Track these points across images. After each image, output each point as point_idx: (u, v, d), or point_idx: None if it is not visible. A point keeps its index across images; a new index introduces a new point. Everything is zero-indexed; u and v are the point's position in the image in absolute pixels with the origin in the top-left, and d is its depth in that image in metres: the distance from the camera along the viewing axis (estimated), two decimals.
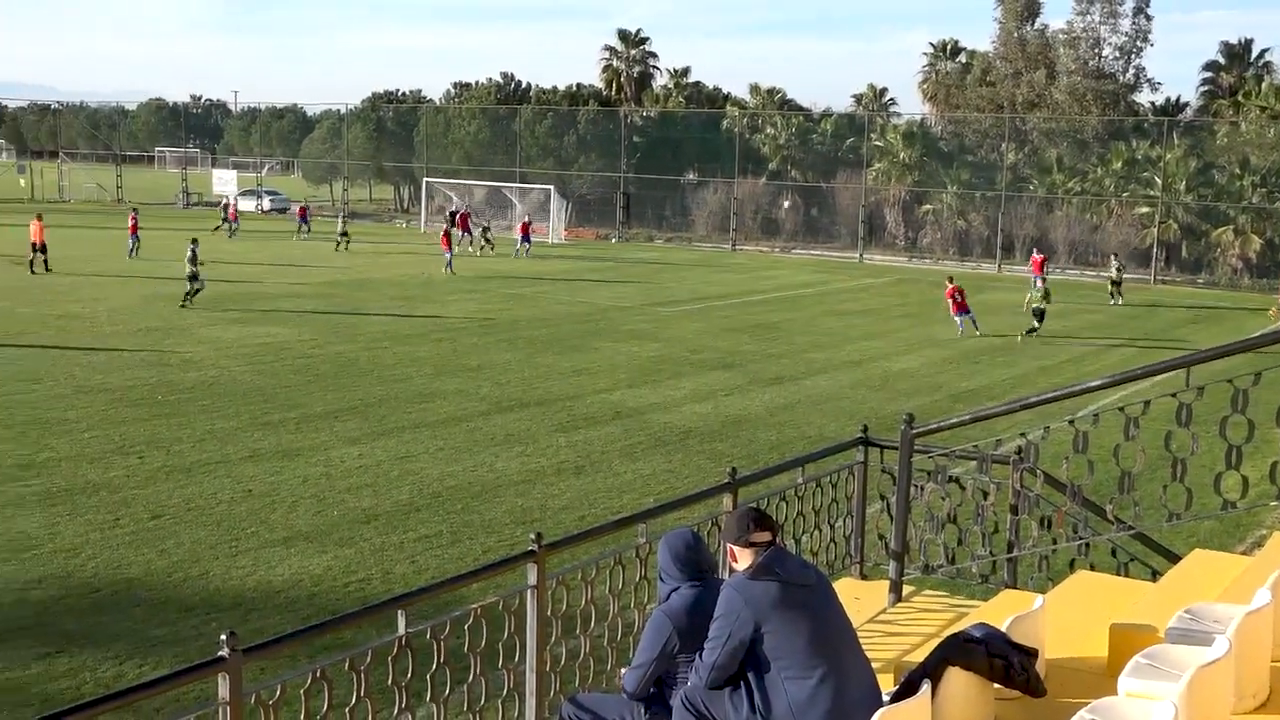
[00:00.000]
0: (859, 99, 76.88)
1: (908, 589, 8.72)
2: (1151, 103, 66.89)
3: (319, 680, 5.36)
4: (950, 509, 8.90)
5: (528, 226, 53.59)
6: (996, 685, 5.59)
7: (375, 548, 14.28)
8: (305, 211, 60.92)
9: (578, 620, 7.00)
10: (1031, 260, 44.95)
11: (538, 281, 42.69)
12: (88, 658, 11.07)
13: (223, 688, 4.94)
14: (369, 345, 27.97)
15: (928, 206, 63.38)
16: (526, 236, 52.63)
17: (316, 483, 16.81)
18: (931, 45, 75.63)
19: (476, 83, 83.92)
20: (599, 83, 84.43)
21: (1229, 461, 7.31)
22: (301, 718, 5.35)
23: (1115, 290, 42.34)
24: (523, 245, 52.12)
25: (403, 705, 5.80)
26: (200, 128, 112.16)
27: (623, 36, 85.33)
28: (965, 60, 72.11)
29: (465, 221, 54.48)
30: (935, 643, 5.66)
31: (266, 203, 74.95)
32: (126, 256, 44.65)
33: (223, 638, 4.96)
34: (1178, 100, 67.78)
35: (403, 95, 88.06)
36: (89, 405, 20.94)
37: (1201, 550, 8.88)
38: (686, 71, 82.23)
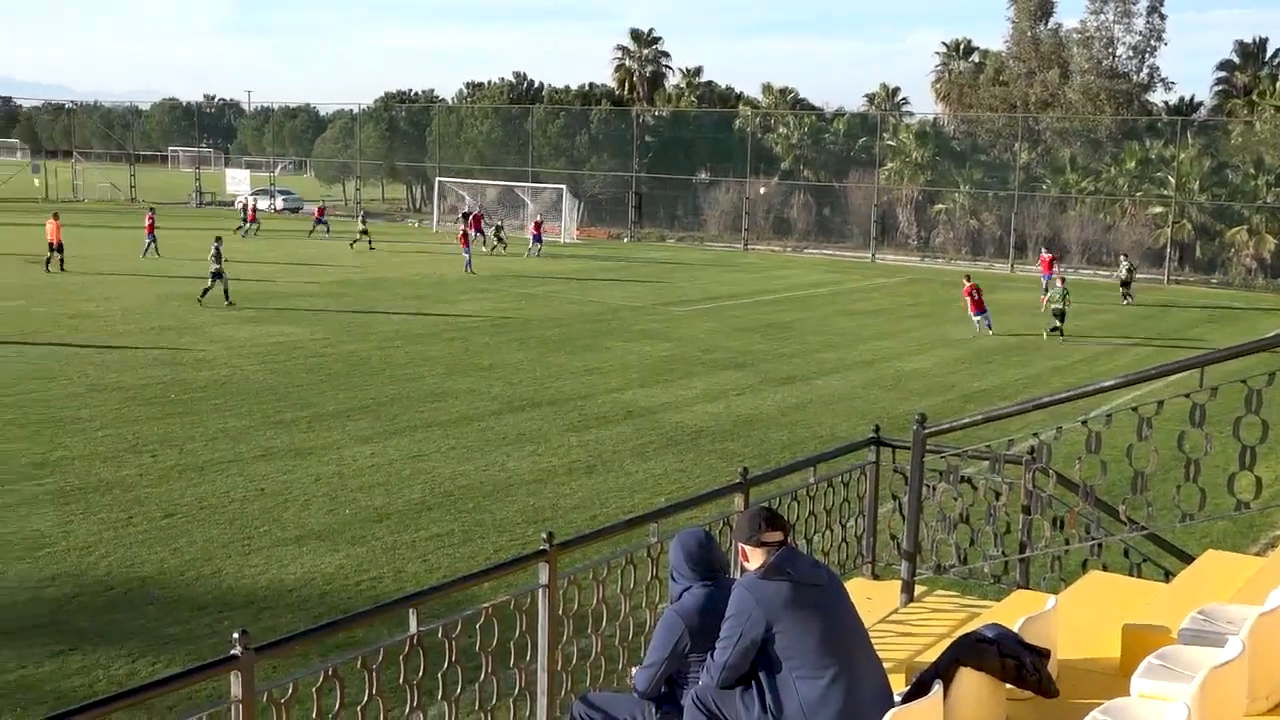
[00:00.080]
0: (871, 98, 76.85)
1: (920, 589, 8.70)
2: (1165, 102, 66.79)
3: (331, 678, 5.37)
4: (962, 509, 8.89)
5: (540, 226, 53.68)
6: (1008, 686, 5.58)
7: (387, 546, 14.30)
8: (323, 212, 61.09)
9: (589, 619, 7.00)
10: (1040, 259, 44.88)
11: (550, 281, 42.72)
12: (101, 655, 11.11)
13: (235, 686, 4.95)
14: (381, 344, 28.02)
15: (940, 206, 63.28)
16: (538, 236, 52.73)
17: (329, 481, 16.85)
18: (944, 45, 75.66)
19: (489, 82, 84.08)
20: (611, 82, 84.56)
21: (1243, 462, 7.28)
22: (313, 716, 5.35)
23: (1125, 291, 42.23)
24: (535, 245, 52.22)
25: (414, 704, 5.80)
26: (214, 127, 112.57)
27: (635, 36, 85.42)
28: (978, 60, 72.02)
29: (478, 222, 54.57)
30: (947, 643, 5.66)
31: (279, 202, 75.17)
32: (140, 256, 44.70)
33: (235, 636, 4.97)
34: (1191, 100, 67.66)
35: (415, 95, 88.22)
36: (102, 404, 21.01)
37: (1215, 551, 8.85)
38: (699, 71, 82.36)
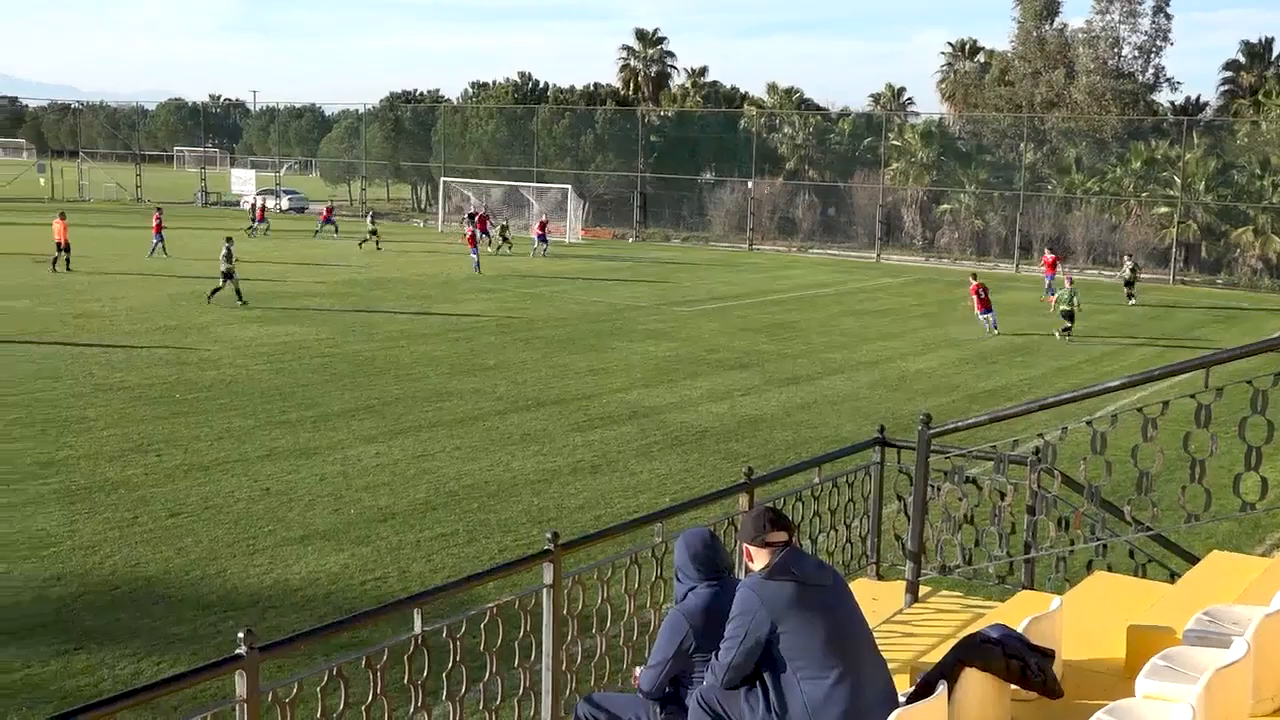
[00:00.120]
0: (877, 98, 76.82)
1: (924, 589, 8.70)
2: (1171, 102, 66.69)
3: (335, 678, 5.38)
4: (967, 509, 8.88)
5: (544, 226, 53.70)
6: (1013, 686, 5.58)
7: (392, 546, 14.31)
8: (331, 212, 61.21)
9: (594, 619, 7.01)
10: (1043, 260, 44.82)
11: (554, 281, 42.73)
12: (106, 655, 11.12)
13: (240, 685, 4.96)
14: (386, 344, 28.04)
15: (945, 206, 63.24)
16: (543, 236, 52.74)
17: (333, 481, 16.86)
18: (950, 45, 75.62)
19: (494, 82, 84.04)
20: (616, 82, 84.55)
21: (1248, 463, 7.27)
22: (318, 715, 5.36)
23: (1129, 290, 42.14)
24: (540, 245, 52.24)
25: (419, 703, 5.81)
26: (219, 127, 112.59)
27: (640, 36, 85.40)
28: (984, 60, 71.95)
29: (483, 223, 54.62)
30: (952, 643, 5.66)
31: (285, 202, 75.32)
32: (147, 255, 44.77)
33: (240, 635, 4.98)
34: (1197, 100, 67.55)
35: (420, 95, 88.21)
36: (108, 403, 21.04)
37: (1220, 552, 8.84)
38: (704, 71, 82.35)
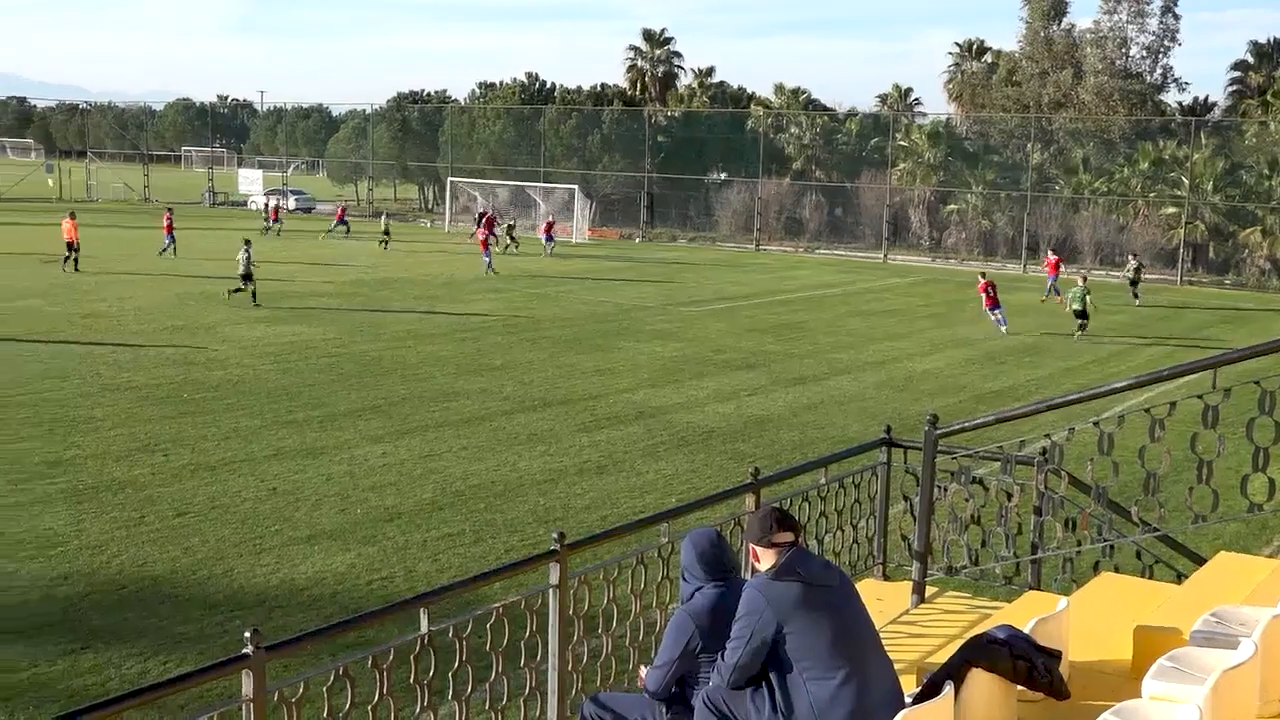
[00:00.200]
0: (884, 99, 76.80)
1: (931, 590, 8.69)
2: (1179, 103, 66.64)
3: (342, 678, 5.38)
4: (974, 510, 8.87)
5: (551, 227, 53.71)
6: (1020, 687, 5.57)
7: (398, 546, 14.32)
8: (344, 212, 61.39)
9: (600, 619, 7.01)
10: (1046, 260, 44.76)
11: (561, 281, 42.74)
12: (113, 654, 11.14)
13: (246, 685, 4.96)
14: (393, 344, 28.06)
15: (952, 207, 63.18)
16: (550, 236, 52.75)
17: (340, 481, 16.88)
18: (957, 45, 75.55)
19: (501, 83, 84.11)
20: (624, 83, 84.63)
21: (1255, 464, 7.25)
22: (324, 715, 5.37)
23: (1133, 290, 41.99)
24: (547, 244, 52.27)
25: (425, 703, 5.81)
26: (226, 127, 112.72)
27: (647, 36, 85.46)
28: (991, 60, 71.90)
29: (490, 224, 54.66)
30: (958, 644, 5.65)
31: (292, 202, 75.45)
32: (157, 254, 44.91)
33: (246, 635, 4.98)
34: (1205, 100, 67.49)
35: (428, 95, 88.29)
36: (115, 403, 21.07)
37: (1227, 553, 8.82)
38: (711, 71, 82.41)
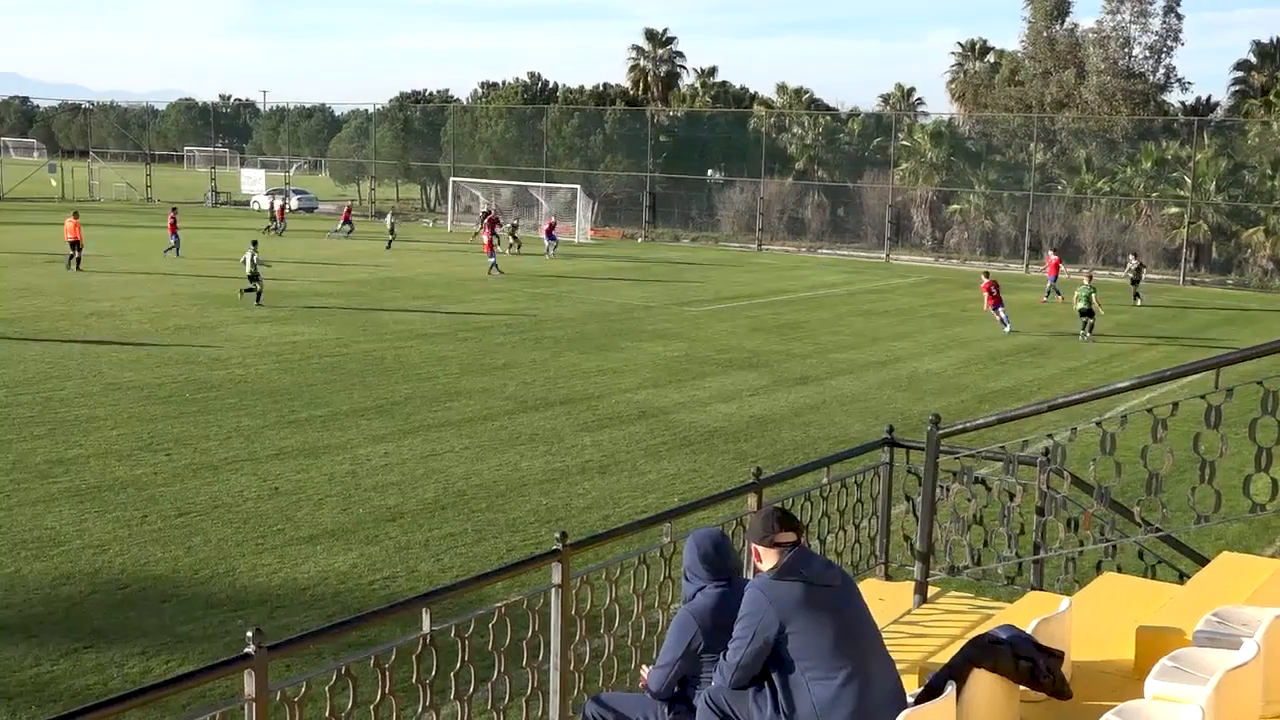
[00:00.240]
0: (886, 99, 76.79)
1: (933, 590, 8.68)
2: (1182, 102, 66.55)
3: (344, 677, 5.39)
4: (976, 510, 8.87)
5: (553, 226, 53.70)
6: (1022, 687, 5.57)
7: (400, 546, 14.33)
8: (350, 213, 61.52)
9: (602, 619, 7.01)
10: (1047, 261, 44.73)
11: (563, 281, 42.74)
12: (115, 653, 11.15)
13: (248, 684, 4.97)
14: (396, 344, 28.07)
15: (955, 207, 63.15)
16: (551, 235, 52.74)
17: (342, 481, 16.88)
18: (960, 45, 75.59)
19: (504, 82, 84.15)
20: (626, 82, 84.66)
21: (1258, 464, 7.24)
22: (326, 714, 5.36)
23: (1134, 290, 41.90)
24: (550, 244, 52.26)
25: (427, 703, 5.81)
26: (229, 127, 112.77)
27: (650, 36, 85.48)
28: (994, 60, 71.87)
29: (493, 224, 54.64)
30: (960, 644, 5.65)
31: (294, 202, 75.47)
32: (162, 253, 45.02)
33: (249, 635, 4.98)
34: (1208, 100, 67.42)
35: (430, 95, 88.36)
36: (118, 402, 21.08)
37: (1229, 553, 8.81)
38: (713, 71, 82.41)
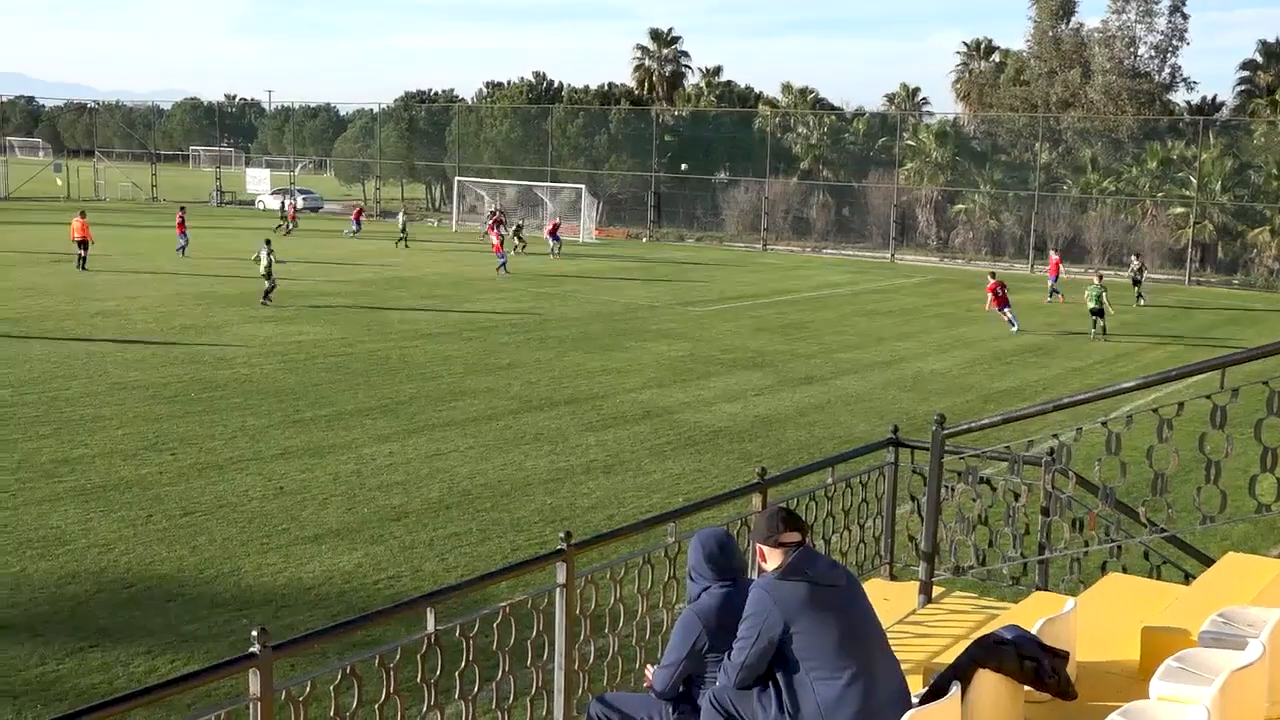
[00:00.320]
0: (891, 98, 76.71)
1: (938, 590, 8.68)
2: (1187, 102, 66.43)
3: (349, 677, 5.39)
4: (981, 510, 8.86)
5: (557, 227, 53.69)
6: (1027, 688, 5.56)
7: (405, 545, 14.34)
8: (361, 213, 61.73)
9: (606, 619, 7.00)
10: (1049, 260, 44.67)
11: (568, 280, 42.74)
12: (120, 652, 11.16)
13: (253, 683, 4.97)
14: (401, 343, 28.08)
15: (960, 206, 63.10)
16: (555, 236, 52.73)
17: (347, 480, 16.90)
18: (965, 44, 75.49)
19: (509, 82, 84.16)
20: (631, 82, 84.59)
21: (1264, 464, 7.23)
22: (331, 714, 5.37)
23: (1136, 290, 41.77)
24: (554, 244, 52.26)
25: (431, 702, 5.81)
26: (234, 127, 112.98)
27: (655, 36, 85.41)
28: (999, 59, 71.80)
29: (496, 223, 54.67)
30: (965, 644, 5.64)
31: (299, 201, 75.60)
32: (178, 255, 45.19)
33: (254, 634, 4.98)
34: (1214, 99, 67.27)
35: (435, 94, 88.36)
36: (123, 402, 21.11)
37: (1235, 554, 8.79)
38: (718, 71, 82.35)
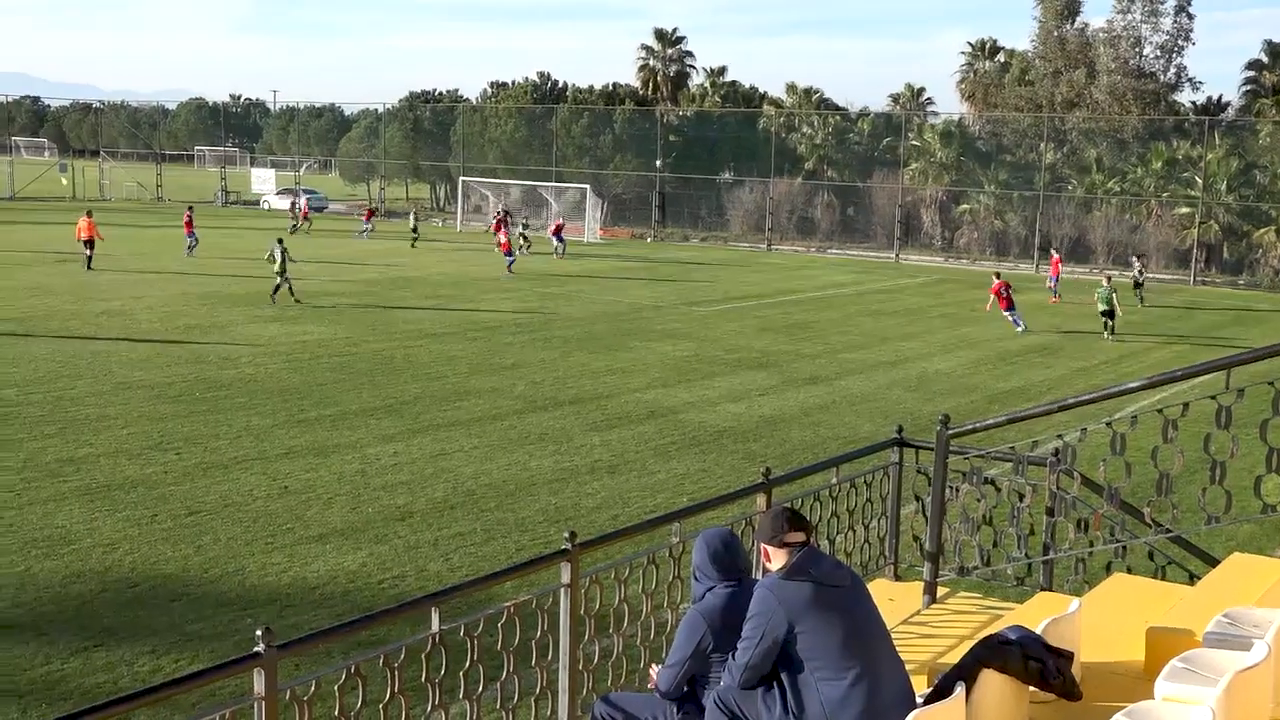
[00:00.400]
0: (896, 98, 76.71)
1: (942, 590, 8.67)
2: (1192, 102, 66.46)
3: (353, 676, 5.39)
4: (986, 510, 8.85)
5: (561, 227, 53.69)
6: (1031, 688, 5.56)
7: (409, 545, 14.34)
8: (372, 213, 61.90)
9: (611, 619, 7.01)
10: (1051, 260, 44.59)
11: (573, 280, 42.75)
12: (125, 652, 11.17)
13: (258, 683, 4.97)
14: (405, 343, 28.10)
15: (965, 206, 63.08)
16: (559, 236, 52.73)
17: (352, 480, 16.90)
18: (970, 44, 75.49)
19: (513, 82, 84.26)
20: (635, 82, 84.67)
21: (1269, 464, 7.22)
22: (336, 713, 5.38)
23: (1138, 292, 41.67)
24: (558, 244, 52.27)
25: (436, 702, 5.81)
26: (239, 127, 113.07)
27: (659, 36, 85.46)
28: (1004, 59, 71.78)
29: (500, 223, 54.71)
30: (970, 645, 5.64)
31: (303, 201, 75.70)
32: (186, 254, 45.32)
33: (258, 633, 4.99)
34: (1219, 99, 67.25)
35: (440, 94, 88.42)
36: (128, 401, 21.13)
37: (1240, 554, 8.78)
38: (723, 71, 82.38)
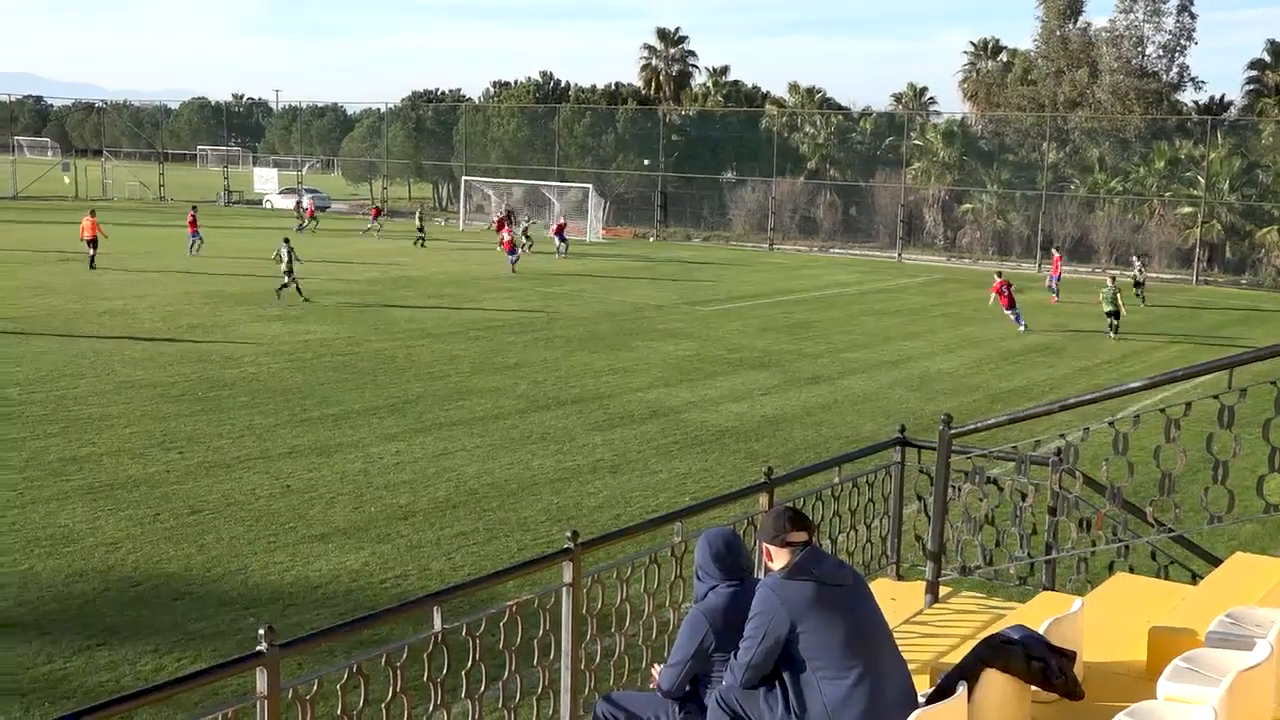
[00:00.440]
0: (899, 98, 76.74)
1: (944, 590, 8.67)
2: (1195, 102, 66.45)
3: (355, 675, 5.40)
4: (988, 510, 8.85)
5: (563, 227, 53.68)
6: (1034, 688, 5.56)
7: (412, 544, 14.35)
8: (379, 212, 62.02)
9: (613, 618, 7.01)
10: (1052, 260, 44.56)
11: (575, 280, 42.75)
12: (128, 651, 11.18)
13: (260, 682, 4.98)
14: (407, 342, 28.11)
15: (967, 206, 63.06)
16: (561, 236, 52.72)
17: (354, 479, 16.91)
18: (972, 44, 75.54)
19: (516, 82, 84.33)
20: (638, 82, 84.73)
21: (1272, 464, 7.22)
22: (338, 712, 5.38)
23: (1138, 293, 41.63)
24: (560, 244, 52.26)
25: (438, 701, 5.82)
26: (242, 126, 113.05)
27: (662, 36, 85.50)
28: (1006, 59, 71.81)
29: (501, 224, 54.73)
30: (972, 644, 5.64)
31: (306, 200, 75.79)
32: (189, 253, 45.35)
33: (261, 632, 4.99)
34: (1222, 99, 67.23)
35: (442, 94, 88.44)
36: (130, 400, 21.14)
37: (1243, 554, 8.77)
38: (725, 70, 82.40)
